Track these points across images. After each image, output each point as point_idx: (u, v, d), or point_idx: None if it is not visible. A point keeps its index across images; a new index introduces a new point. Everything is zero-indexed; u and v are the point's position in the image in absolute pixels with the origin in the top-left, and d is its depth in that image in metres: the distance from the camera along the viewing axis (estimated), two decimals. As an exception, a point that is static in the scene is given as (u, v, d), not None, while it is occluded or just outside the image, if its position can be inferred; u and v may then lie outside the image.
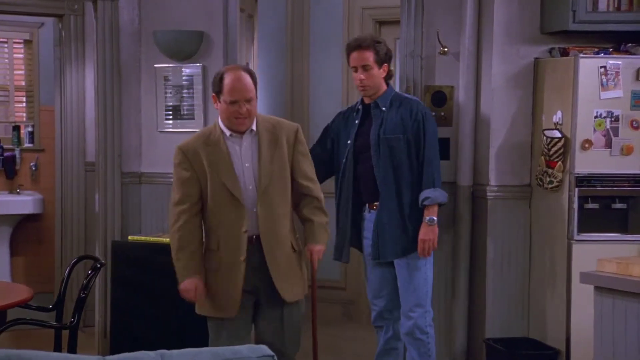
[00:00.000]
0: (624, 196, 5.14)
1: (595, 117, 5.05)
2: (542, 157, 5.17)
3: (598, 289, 3.80)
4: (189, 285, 4.18)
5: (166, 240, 5.94)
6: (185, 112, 6.28)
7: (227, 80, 4.15)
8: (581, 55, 5.06)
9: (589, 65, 5.01)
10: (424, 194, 4.85)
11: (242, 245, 4.16)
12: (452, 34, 5.57)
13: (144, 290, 6.08)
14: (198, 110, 6.25)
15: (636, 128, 5.08)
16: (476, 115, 5.51)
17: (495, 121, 5.39)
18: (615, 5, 5.27)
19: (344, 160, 4.98)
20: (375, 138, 4.88)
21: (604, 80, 5.02)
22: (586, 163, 5.05)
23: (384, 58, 4.85)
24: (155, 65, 6.31)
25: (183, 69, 6.27)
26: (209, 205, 4.19)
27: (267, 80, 7.54)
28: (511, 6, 5.38)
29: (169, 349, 2.94)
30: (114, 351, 5.52)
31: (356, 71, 4.87)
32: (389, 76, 4.94)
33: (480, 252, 5.48)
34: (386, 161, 4.87)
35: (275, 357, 3.12)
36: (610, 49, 5.28)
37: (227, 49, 6.12)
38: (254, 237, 4.18)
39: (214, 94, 4.24)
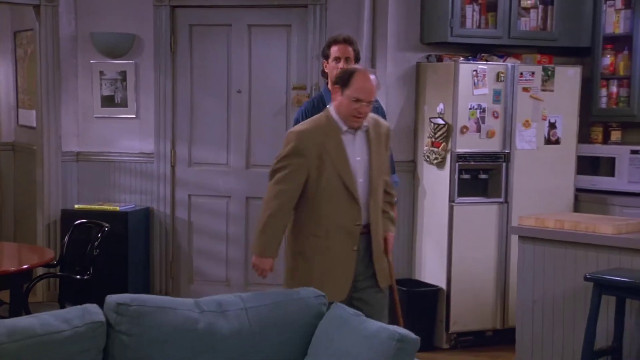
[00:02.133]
0: (486, 169, 5.66)
1: (470, 108, 5.54)
2: (429, 139, 5.60)
3: (522, 238, 4.27)
4: (265, 265, 3.84)
5: (107, 207, 5.96)
6: (119, 101, 6.24)
7: (357, 78, 3.75)
8: (460, 61, 5.50)
9: (465, 69, 5.50)
10: (392, 178, 4.88)
11: (355, 236, 3.82)
12: (351, 42, 5.84)
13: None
14: (131, 99, 6.28)
15: (496, 117, 5.62)
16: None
17: (388, 112, 5.71)
18: (477, 24, 5.75)
19: None
20: None
21: (476, 80, 5.52)
22: (463, 144, 5.54)
23: (357, 57, 4.83)
24: (92, 61, 6.33)
25: (117, 65, 6.22)
26: (318, 194, 3.78)
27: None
28: (399, 22, 5.80)
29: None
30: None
31: (338, 62, 4.70)
32: None
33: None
34: None
35: (326, 296, 3.35)
36: (470, 57, 5.75)
37: (159, 50, 6.15)
38: (362, 227, 3.85)
39: (337, 86, 3.82)
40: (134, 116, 6.27)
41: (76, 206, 6.11)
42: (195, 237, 6.29)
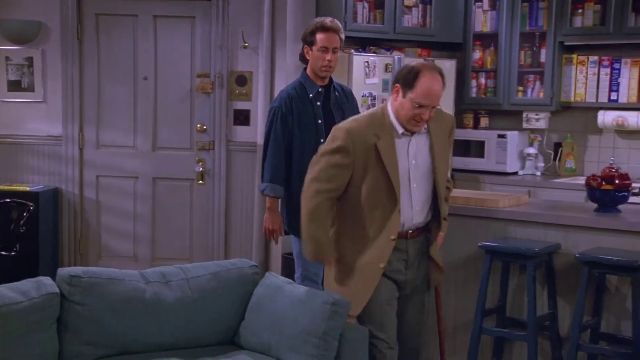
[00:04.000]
0: (376, 151, 5.78)
1: (363, 96, 5.68)
2: (326, 124, 5.66)
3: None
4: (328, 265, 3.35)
5: (17, 187, 5.75)
6: (26, 86, 6.03)
7: (424, 81, 3.15)
8: (353, 52, 5.63)
9: (358, 60, 5.64)
10: None
11: (386, 252, 3.28)
12: (252, 33, 5.93)
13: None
14: (38, 84, 6.10)
15: (385, 104, 5.74)
16: (272, 93, 5.88)
17: (288, 98, 5.79)
18: (367, 20, 5.90)
19: (318, 140, 4.11)
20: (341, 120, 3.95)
21: (367, 71, 5.66)
22: (356, 128, 5.61)
23: (342, 44, 4.30)
24: (-1, 47, 6.00)
25: (24, 51, 6.01)
26: (361, 198, 3.24)
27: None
28: (297, 16, 5.87)
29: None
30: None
31: (325, 52, 4.18)
32: None
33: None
34: None
35: (258, 267, 3.41)
36: (360, 50, 5.90)
37: (66, 37, 6.00)
38: (409, 232, 3.34)
39: (398, 85, 3.23)
40: (41, 100, 6.05)
41: (-14, 187, 5.86)
42: (103, 216, 6.16)
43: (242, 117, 6.01)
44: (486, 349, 4.33)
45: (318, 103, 4.27)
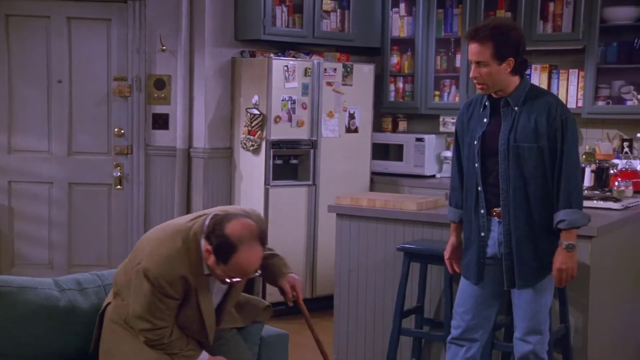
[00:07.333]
0: (296, 154, 5.84)
1: (282, 100, 5.68)
2: (245, 128, 5.69)
3: (339, 215, 4.46)
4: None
5: None
6: None
7: (240, 258, 2.71)
8: (273, 57, 5.63)
9: (277, 65, 5.63)
10: (560, 215, 3.29)
11: None
12: (170, 36, 5.87)
13: None
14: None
15: (305, 108, 5.81)
16: (191, 97, 5.83)
17: (207, 101, 5.81)
18: (286, 24, 5.91)
19: (474, 164, 3.37)
20: (504, 144, 3.30)
21: (287, 75, 5.67)
22: (276, 132, 5.68)
23: (506, 52, 3.24)
24: None
25: None
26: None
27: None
28: (215, 20, 5.85)
29: None
30: None
31: (474, 65, 3.31)
32: (522, 68, 3.32)
33: (196, 197, 5.83)
34: (515, 172, 3.30)
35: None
36: (280, 54, 5.91)
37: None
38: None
39: (211, 248, 2.73)
40: (-52, 104, 5.86)
41: None
42: (16, 222, 5.98)
43: (161, 121, 5.95)
44: (405, 350, 4.38)
45: (484, 120, 3.38)
